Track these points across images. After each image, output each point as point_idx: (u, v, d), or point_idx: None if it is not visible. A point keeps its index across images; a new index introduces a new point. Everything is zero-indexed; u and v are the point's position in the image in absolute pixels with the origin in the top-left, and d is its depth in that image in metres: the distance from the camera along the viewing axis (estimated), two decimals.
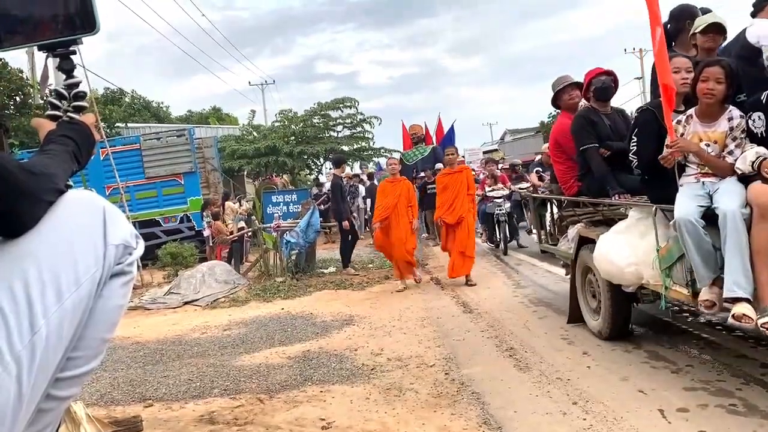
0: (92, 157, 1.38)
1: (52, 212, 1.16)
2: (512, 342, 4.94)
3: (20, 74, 15.57)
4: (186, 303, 8.45)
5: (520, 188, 13.15)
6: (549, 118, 42.08)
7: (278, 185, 18.25)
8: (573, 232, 5.29)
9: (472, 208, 8.20)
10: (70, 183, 1.26)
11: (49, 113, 1.34)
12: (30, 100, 14.26)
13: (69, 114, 1.34)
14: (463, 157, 14.72)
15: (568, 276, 5.75)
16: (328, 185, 15.74)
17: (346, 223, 9.90)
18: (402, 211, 8.13)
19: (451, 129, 13.61)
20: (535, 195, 7.33)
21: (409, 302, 7.08)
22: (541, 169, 9.41)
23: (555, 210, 6.29)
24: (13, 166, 1.08)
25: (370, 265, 10.47)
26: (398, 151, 17.77)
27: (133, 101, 30.37)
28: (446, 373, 4.32)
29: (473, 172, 10.23)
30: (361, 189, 16.64)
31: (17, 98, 14.95)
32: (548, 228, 6.45)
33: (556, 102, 5.81)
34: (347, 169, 17.29)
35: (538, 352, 4.59)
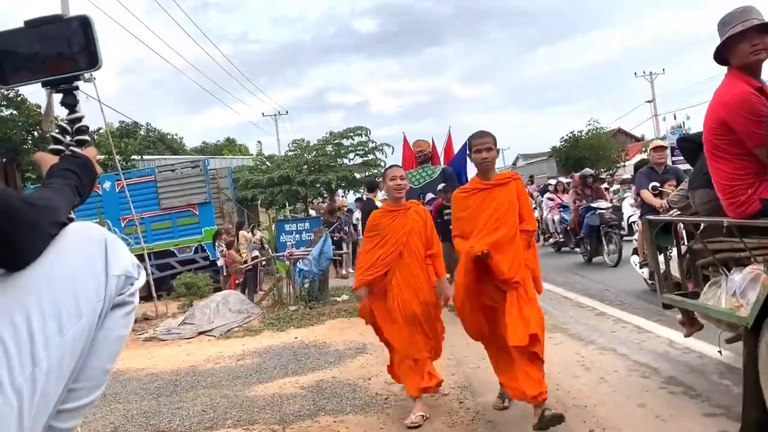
0: (107, 188, 1.40)
1: (53, 244, 1.17)
2: None
3: (38, 109, 15.87)
4: (200, 333, 8.45)
5: (599, 207, 10.57)
6: (561, 142, 42.06)
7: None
8: (744, 278, 3.16)
9: (532, 260, 3.86)
10: (72, 216, 1.27)
11: (52, 147, 1.36)
12: (47, 135, 14.55)
13: (71, 148, 1.36)
14: None
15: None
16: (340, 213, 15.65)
17: None
18: (414, 265, 4.28)
19: (464, 147, 11.54)
20: (653, 218, 4.61)
21: None
22: (658, 184, 6.85)
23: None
24: (15, 200, 1.09)
25: None
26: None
27: (148, 134, 30.80)
28: (461, 402, 4.27)
29: None
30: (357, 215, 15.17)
31: (35, 133, 15.22)
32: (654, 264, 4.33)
33: (721, 55, 3.37)
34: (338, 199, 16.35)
35: (554, 378, 4.52)
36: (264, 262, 12.03)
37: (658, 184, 7.01)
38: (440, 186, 9.02)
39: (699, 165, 3.74)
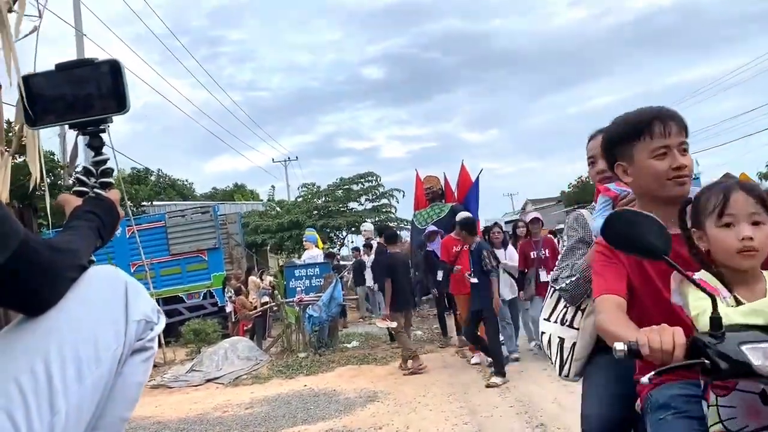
0: (117, 234, 1.39)
1: (74, 288, 1.15)
2: (543, 418, 4.76)
3: (51, 156, 16.13)
4: (208, 380, 8.34)
5: None
6: (569, 187, 42.26)
7: None
8: None
9: None
10: (93, 258, 1.26)
11: (77, 189, 1.36)
12: (60, 182, 14.70)
13: (95, 190, 1.36)
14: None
15: None
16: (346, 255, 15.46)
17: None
18: None
19: (477, 182, 10.13)
20: None
21: (434, 377, 6.91)
22: None
23: None
24: (37, 244, 1.08)
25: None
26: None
27: (158, 180, 31.15)
28: None
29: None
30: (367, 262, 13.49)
31: (48, 179, 15.41)
32: None
33: None
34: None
35: (570, 428, 4.41)
36: (275, 308, 11.95)
37: None
38: (462, 217, 7.70)
39: None
